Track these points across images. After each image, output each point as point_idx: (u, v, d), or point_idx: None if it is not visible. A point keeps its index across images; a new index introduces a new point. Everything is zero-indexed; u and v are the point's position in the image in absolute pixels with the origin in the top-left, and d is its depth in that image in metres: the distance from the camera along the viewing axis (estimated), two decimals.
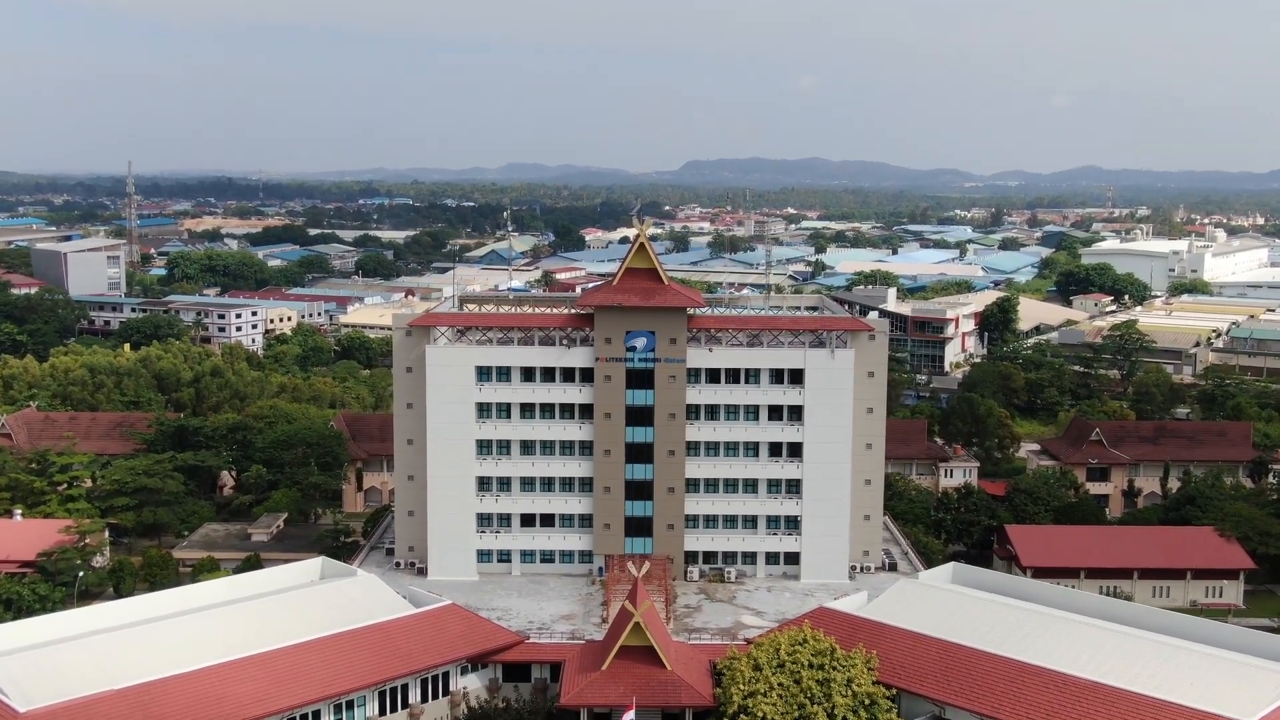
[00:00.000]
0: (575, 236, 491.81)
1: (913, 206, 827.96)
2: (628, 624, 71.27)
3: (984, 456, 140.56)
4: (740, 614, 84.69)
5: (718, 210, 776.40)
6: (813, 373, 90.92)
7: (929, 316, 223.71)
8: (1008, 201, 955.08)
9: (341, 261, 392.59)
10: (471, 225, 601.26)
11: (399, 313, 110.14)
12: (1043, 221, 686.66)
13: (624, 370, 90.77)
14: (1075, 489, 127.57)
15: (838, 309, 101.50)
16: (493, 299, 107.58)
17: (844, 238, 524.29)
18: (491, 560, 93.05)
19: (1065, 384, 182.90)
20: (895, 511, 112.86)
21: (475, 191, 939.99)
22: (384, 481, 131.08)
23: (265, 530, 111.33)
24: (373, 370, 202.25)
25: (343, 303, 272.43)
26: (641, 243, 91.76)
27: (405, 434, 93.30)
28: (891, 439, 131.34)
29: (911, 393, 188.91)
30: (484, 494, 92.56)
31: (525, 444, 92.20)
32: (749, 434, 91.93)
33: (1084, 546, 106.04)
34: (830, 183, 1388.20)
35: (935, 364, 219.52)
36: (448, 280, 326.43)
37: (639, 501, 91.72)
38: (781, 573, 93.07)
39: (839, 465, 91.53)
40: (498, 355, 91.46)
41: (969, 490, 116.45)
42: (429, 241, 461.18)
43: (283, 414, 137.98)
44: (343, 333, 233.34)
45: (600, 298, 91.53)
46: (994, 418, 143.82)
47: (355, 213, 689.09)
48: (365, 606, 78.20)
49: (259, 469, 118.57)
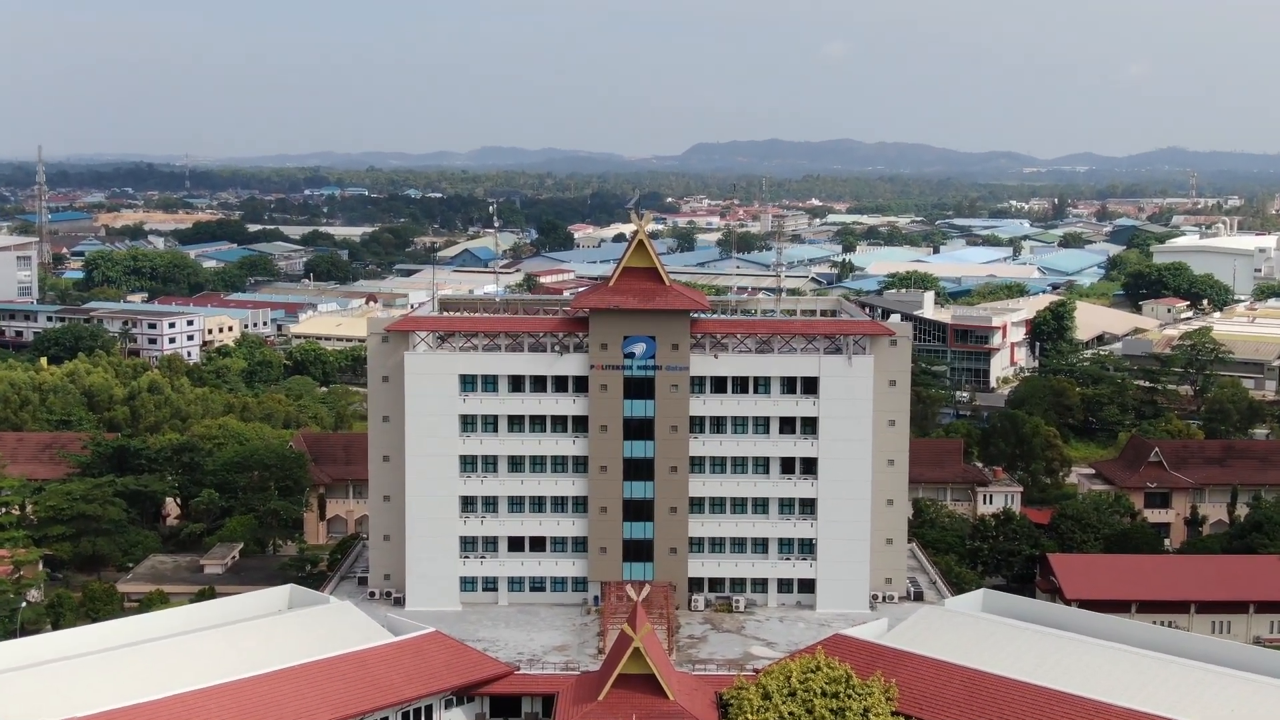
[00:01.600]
0: (561, 234, 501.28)
1: (960, 197, 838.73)
2: (627, 650, 78.88)
3: (1029, 481, 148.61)
4: (749, 644, 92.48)
5: (728, 202, 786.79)
6: (828, 381, 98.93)
7: (972, 324, 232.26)
8: (1073, 190, 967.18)
9: (288, 262, 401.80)
10: (439, 220, 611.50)
11: (374, 316, 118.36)
12: (1113, 214, 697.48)
13: (622, 379, 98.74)
14: (1131, 516, 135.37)
15: (857, 312, 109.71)
16: (476, 302, 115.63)
17: (877, 234, 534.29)
18: (476, 589, 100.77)
19: (1128, 401, 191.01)
20: (925, 540, 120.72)
21: (442, 180, 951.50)
22: (350, 510, 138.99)
23: (219, 561, 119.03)
24: (330, 387, 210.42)
25: (292, 310, 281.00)
26: (640, 239, 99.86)
27: (381, 450, 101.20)
28: (923, 461, 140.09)
29: (950, 411, 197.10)
30: (468, 515, 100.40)
31: (513, 460, 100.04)
32: (759, 448, 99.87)
33: (1135, 577, 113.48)
34: (862, 169, 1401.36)
35: (979, 378, 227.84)
36: (414, 284, 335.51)
37: (638, 523, 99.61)
38: (795, 602, 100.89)
39: (858, 483, 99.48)
40: (483, 363, 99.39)
41: (1008, 516, 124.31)
42: (390, 239, 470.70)
43: (233, 434, 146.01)
44: (294, 344, 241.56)
45: (596, 300, 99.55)
46: (1040, 437, 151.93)
47: (301, 205, 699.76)
48: (340, 634, 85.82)
49: (210, 493, 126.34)
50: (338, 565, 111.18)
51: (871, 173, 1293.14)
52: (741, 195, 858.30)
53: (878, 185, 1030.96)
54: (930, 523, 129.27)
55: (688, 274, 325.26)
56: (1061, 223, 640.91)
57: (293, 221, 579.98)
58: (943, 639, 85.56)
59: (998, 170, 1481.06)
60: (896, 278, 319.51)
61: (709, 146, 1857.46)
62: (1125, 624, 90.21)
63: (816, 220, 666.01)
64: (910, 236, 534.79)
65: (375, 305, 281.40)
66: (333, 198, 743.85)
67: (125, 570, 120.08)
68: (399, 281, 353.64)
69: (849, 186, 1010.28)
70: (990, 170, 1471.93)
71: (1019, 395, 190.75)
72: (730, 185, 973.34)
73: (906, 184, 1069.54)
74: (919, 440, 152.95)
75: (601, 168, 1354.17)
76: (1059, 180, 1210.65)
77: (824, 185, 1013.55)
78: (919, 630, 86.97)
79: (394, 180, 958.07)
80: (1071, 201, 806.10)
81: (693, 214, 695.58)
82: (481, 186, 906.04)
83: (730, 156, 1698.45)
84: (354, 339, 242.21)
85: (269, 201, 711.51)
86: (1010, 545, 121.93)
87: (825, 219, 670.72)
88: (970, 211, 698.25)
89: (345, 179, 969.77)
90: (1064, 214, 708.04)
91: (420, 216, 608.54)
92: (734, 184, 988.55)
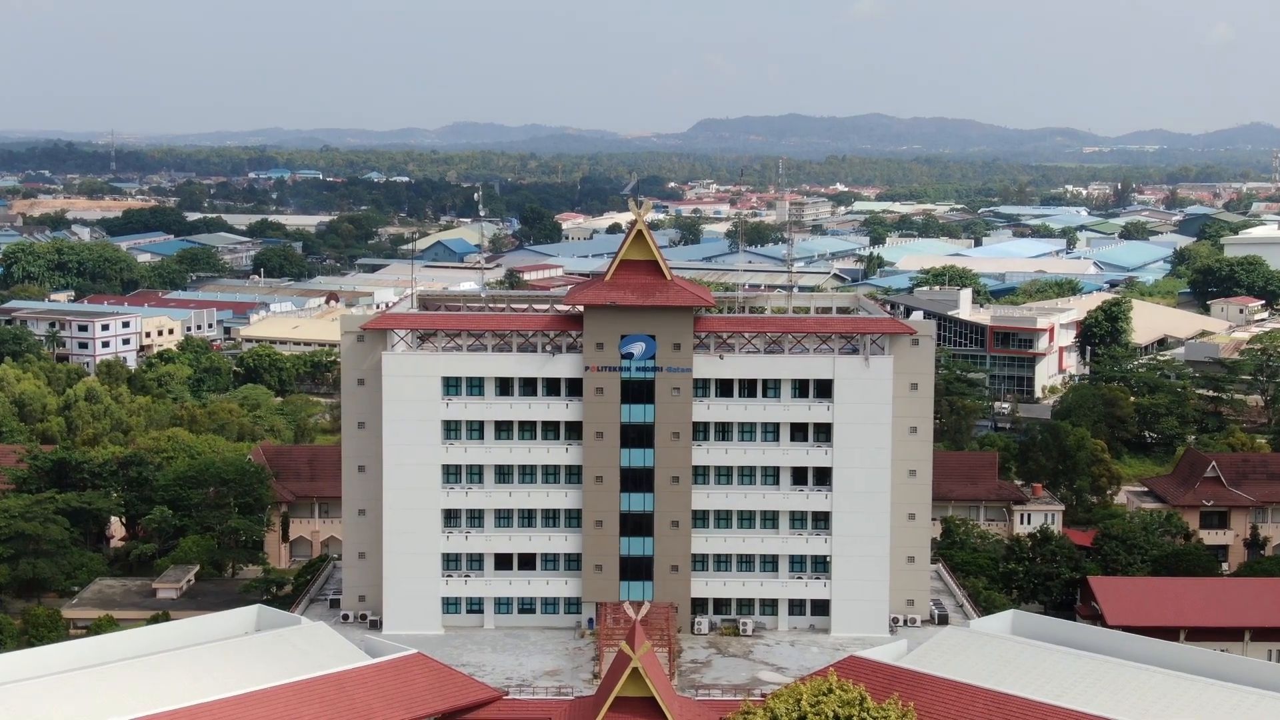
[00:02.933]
0: (548, 224, 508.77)
1: (1007, 181, 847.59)
2: (625, 670, 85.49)
3: (1072, 499, 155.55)
4: (757, 669, 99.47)
5: (740, 188, 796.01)
6: (844, 384, 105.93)
7: (1014, 326, 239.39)
8: (1140, 173, 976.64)
9: (234, 256, 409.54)
10: (406, 208, 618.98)
11: (348, 314, 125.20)
12: (1184, 200, 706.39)
13: (619, 381, 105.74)
14: (1185, 536, 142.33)
15: (876, 310, 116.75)
16: (460, 298, 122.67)
17: (910, 224, 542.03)
18: (460, 610, 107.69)
19: (1188, 412, 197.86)
20: (954, 562, 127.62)
21: (409, 162, 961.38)
22: (315, 531, 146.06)
23: (173, 585, 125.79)
24: (287, 396, 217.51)
25: (241, 310, 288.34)
26: (639, 229, 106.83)
27: (356, 459, 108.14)
28: (954, 476, 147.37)
29: (987, 423, 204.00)
30: (451, 530, 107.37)
31: (501, 470, 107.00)
32: (768, 457, 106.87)
33: (1185, 602, 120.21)
34: (895, 149, 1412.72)
35: (1023, 387, 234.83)
36: (380, 281, 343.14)
37: (637, 538, 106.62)
38: (808, 625, 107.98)
39: (876, 495, 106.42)
40: (468, 364, 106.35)
41: (1045, 536, 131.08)
42: (350, 230, 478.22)
43: (184, 446, 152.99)
44: (245, 349, 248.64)
45: (590, 295, 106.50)
46: (1086, 451, 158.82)
47: (246, 190, 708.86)
48: (314, 657, 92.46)
49: (163, 510, 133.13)
50: (306, 587, 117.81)
51: (905, 153, 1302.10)
52: (754, 179, 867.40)
53: (912, 168, 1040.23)
54: (960, 543, 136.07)
55: (692, 269, 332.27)
56: (1124, 211, 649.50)
57: (237, 209, 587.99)
58: (966, 661, 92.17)
59: (1053, 150, 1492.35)
60: (930, 274, 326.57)
61: (717, 123, 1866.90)
62: (1168, 647, 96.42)
63: (841, 208, 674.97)
64: (948, 227, 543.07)
65: (337, 305, 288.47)
66: (282, 182, 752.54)
67: (69, 595, 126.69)
68: (363, 278, 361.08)
69: (879, 169, 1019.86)
70: (1045, 150, 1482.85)
71: (1066, 405, 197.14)
72: (741, 168, 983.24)
73: (946, 166, 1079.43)
74: (950, 454, 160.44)
75: (593, 148, 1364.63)
76: (1124, 161, 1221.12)
77: (850, 168, 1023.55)
78: (941, 651, 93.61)
79: (352, 161, 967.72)
80: (1137, 186, 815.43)
81: (698, 201, 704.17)
82: (454, 169, 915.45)
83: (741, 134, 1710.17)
84: (313, 343, 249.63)
85: (208, 186, 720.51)
86: (1048, 568, 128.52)
87: (851, 207, 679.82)
88: (1019, 198, 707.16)
89: (296, 160, 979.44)
90: (1127, 201, 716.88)
91: (384, 204, 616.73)
92: (746, 166, 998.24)
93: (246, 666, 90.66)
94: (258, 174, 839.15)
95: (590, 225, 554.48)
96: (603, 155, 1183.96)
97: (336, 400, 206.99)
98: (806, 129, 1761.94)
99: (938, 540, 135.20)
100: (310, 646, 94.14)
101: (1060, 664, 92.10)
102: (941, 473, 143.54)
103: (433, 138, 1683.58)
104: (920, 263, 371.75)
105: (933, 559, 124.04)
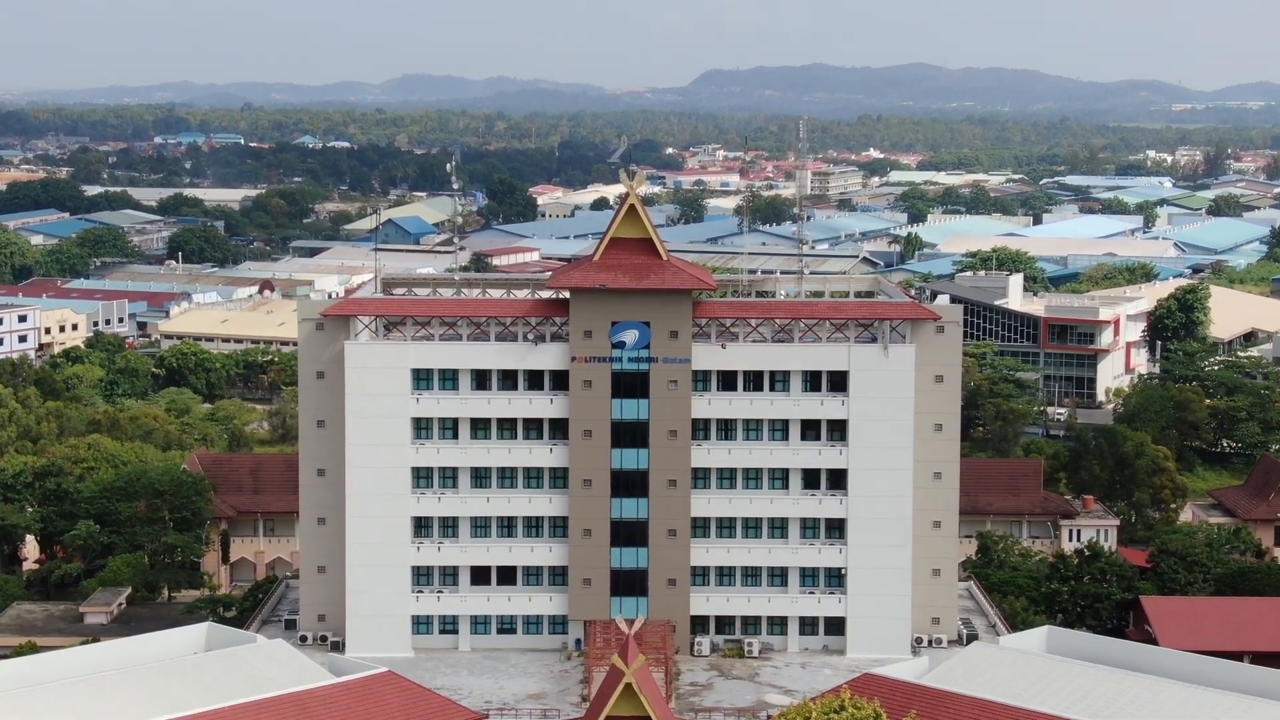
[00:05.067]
0: (520, 199, 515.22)
1: (1077, 145, 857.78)
2: (617, 686, 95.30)
3: (1130, 514, 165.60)
4: (764, 692, 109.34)
5: (752, 154, 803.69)
6: (860, 376, 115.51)
7: (1073, 318, 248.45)
8: (1240, 135, 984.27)
9: (144, 238, 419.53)
10: (349, 180, 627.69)
11: (306, 299, 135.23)
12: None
13: (609, 374, 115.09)
14: (1257, 553, 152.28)
15: (897, 293, 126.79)
16: (430, 281, 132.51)
17: (957, 198, 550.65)
18: (431, 630, 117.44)
19: (1272, 416, 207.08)
20: (989, 582, 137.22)
21: (349, 124, 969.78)
22: (260, 551, 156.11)
23: (103, 609, 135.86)
24: (217, 402, 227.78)
25: (158, 302, 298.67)
26: (631, 203, 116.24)
27: (315, 462, 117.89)
28: (994, 487, 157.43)
29: (1039, 430, 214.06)
30: (422, 541, 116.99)
31: (477, 472, 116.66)
32: (776, 458, 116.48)
33: (1250, 624, 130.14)
34: (942, 107, 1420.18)
35: (1083, 389, 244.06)
36: (321, 266, 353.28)
37: (629, 549, 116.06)
38: (821, 645, 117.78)
39: (897, 500, 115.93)
40: (441, 354, 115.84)
41: (1094, 553, 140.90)
42: (280, 206, 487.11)
43: (107, 455, 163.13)
44: (165, 347, 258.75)
45: (577, 277, 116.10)
46: (1146, 459, 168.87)
47: (152, 159, 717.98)
48: (273, 676, 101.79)
49: (89, 525, 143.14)
50: (257, 607, 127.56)
51: (955, 112, 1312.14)
52: (770, 144, 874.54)
53: (962, 129, 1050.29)
54: (999, 562, 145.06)
55: (694, 252, 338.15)
56: (1216, 181, 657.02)
57: (144, 182, 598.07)
58: (993, 678, 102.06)
59: (1135, 108, 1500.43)
60: (978, 257, 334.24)
61: (724, 75, 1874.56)
62: (1225, 666, 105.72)
63: (874, 179, 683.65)
64: (1003, 202, 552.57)
65: (271, 296, 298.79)
66: (196, 148, 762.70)
67: None
68: (300, 264, 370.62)
69: (921, 131, 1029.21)
70: (1124, 108, 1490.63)
71: (1131, 409, 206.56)
72: (754, 130, 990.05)
73: (1004, 128, 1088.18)
74: (990, 461, 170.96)
75: (574, 106, 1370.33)
76: (1222, 120, 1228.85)
77: (886, 130, 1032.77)
78: (966, 668, 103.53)
79: (281, 123, 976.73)
80: (1233, 152, 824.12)
81: (702, 170, 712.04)
82: (405, 132, 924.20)
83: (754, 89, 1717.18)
84: (245, 340, 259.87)
85: (107, 154, 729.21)
86: (1097, 588, 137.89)
87: (886, 177, 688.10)
88: (1090, 166, 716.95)
89: (211, 121, 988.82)
90: (1221, 169, 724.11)
91: (321, 175, 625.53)
92: (759, 128, 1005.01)
93: (200, 686, 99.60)
94: (165, 138, 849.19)
95: (571, 200, 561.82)
96: (585, 115, 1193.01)
97: (275, 406, 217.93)
98: (834, 82, 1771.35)
99: (973, 559, 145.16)
100: (269, 666, 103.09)
101: (1099, 682, 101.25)
102: (978, 483, 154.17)
103: (377, 94, 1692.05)
104: (967, 244, 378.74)
105: (964, 576, 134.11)
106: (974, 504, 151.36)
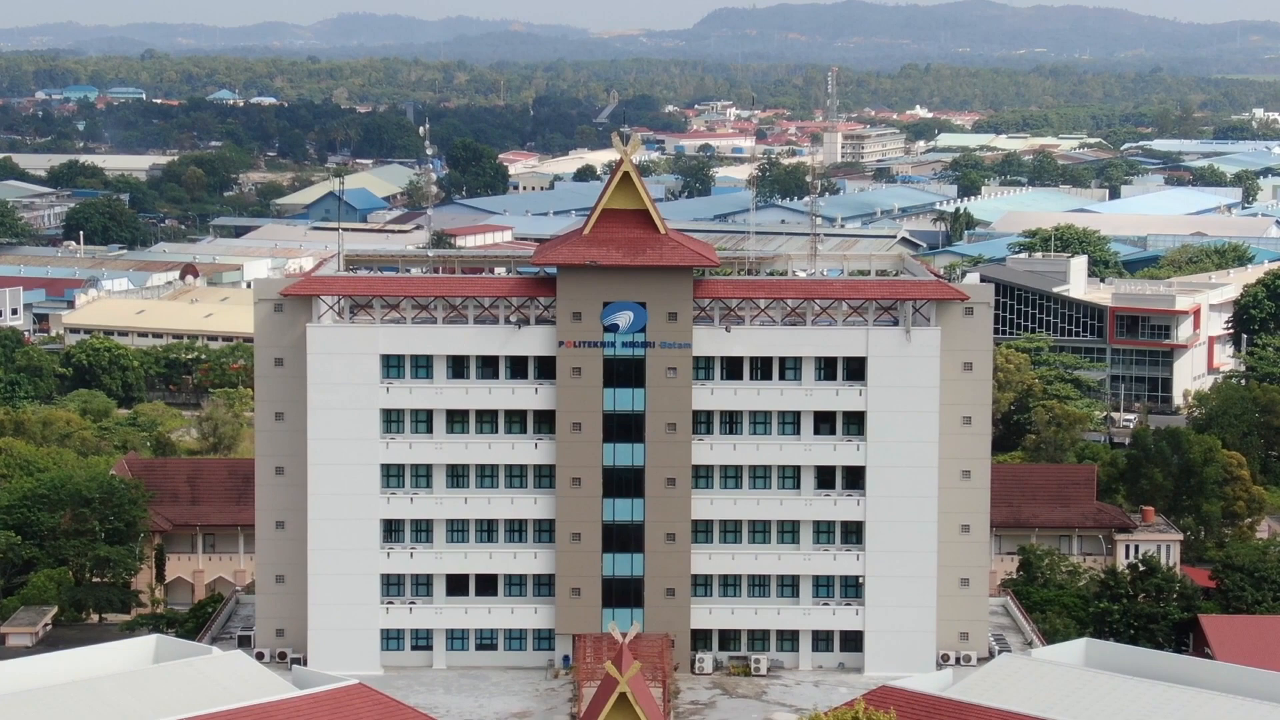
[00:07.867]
0: (488, 167, 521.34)
1: (1170, 102, 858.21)
2: (611, 695, 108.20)
3: (1197, 528, 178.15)
4: (771, 710, 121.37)
5: (771, 112, 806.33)
6: (879, 363, 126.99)
7: (1144, 308, 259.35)
8: None
9: (34, 214, 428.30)
10: (278, 144, 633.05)
11: (262, 279, 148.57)
12: None
13: (601, 360, 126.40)
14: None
15: (922, 271, 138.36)
16: (399, 259, 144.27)
17: (1018, 166, 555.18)
18: (403, 645, 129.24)
19: None
20: (1030, 601, 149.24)
21: (275, 75, 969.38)
22: (199, 570, 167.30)
23: (27, 630, 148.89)
24: (136, 405, 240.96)
25: (58, 290, 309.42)
26: (626, 169, 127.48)
27: (273, 459, 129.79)
28: (1041, 496, 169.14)
29: (1100, 436, 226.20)
30: (392, 546, 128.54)
31: (454, 470, 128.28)
32: (786, 454, 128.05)
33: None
34: (1007, 54, 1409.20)
35: (1157, 390, 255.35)
36: (251, 249, 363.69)
37: (623, 555, 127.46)
38: (836, 662, 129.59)
39: (921, 501, 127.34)
40: (413, 338, 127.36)
41: (1150, 568, 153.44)
42: (197, 176, 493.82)
43: (22, 461, 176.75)
44: (71, 341, 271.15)
45: (565, 253, 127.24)
46: (1215, 466, 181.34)
47: (36, 118, 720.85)
48: (231, 689, 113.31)
49: (9, 537, 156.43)
50: (206, 623, 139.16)
51: (1022, 61, 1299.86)
52: (793, 101, 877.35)
53: (1030, 83, 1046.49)
54: (1044, 580, 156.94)
55: (700, 231, 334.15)
56: None
57: (27, 146, 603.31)
58: (1022, 691, 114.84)
59: (1245, 55, 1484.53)
60: (1039, 236, 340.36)
61: (737, 15, 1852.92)
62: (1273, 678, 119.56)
63: (919, 143, 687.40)
64: (1074, 171, 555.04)
65: (195, 283, 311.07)
66: (89, 105, 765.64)
67: None
68: (226, 245, 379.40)
69: (980, 84, 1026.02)
70: (1231, 55, 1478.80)
71: (1209, 412, 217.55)
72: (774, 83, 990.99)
73: (1081, 80, 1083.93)
74: (1035, 467, 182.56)
75: (552, 53, 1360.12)
76: None
77: (936, 82, 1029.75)
78: (993, 680, 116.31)
79: (191, 75, 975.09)
80: None
81: (709, 133, 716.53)
82: (344, 85, 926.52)
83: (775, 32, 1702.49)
84: (165, 332, 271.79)
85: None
86: (1153, 608, 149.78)
87: (935, 141, 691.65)
88: (1183, 129, 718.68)
89: (105, 72, 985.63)
90: None
91: (244, 137, 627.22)
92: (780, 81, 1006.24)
93: (154, 699, 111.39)
94: (50, 93, 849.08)
95: (549, 169, 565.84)
96: (566, 64, 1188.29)
97: (203, 413, 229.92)
98: (872, 24, 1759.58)
99: (1015, 576, 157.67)
100: (226, 678, 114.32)
101: (1137, 695, 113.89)
102: (1022, 491, 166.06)
103: (309, 38, 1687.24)
104: (1028, 221, 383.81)
105: (999, 591, 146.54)
106: (1017, 516, 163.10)
